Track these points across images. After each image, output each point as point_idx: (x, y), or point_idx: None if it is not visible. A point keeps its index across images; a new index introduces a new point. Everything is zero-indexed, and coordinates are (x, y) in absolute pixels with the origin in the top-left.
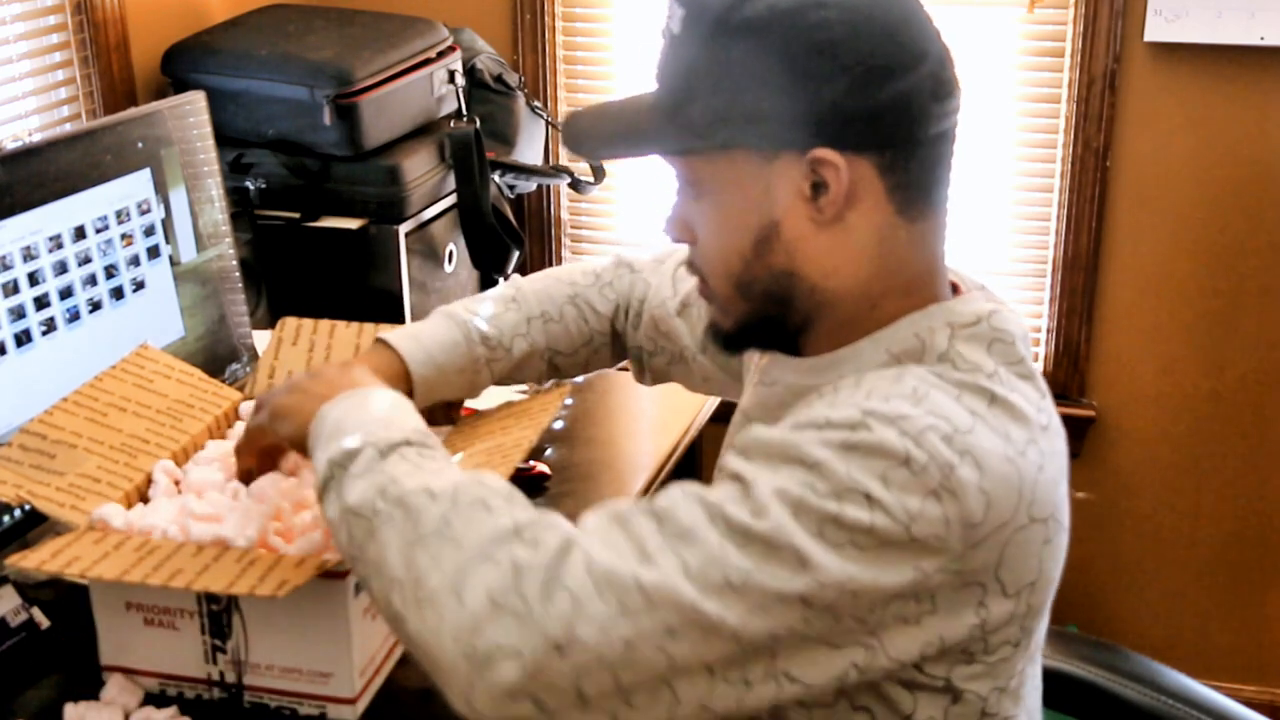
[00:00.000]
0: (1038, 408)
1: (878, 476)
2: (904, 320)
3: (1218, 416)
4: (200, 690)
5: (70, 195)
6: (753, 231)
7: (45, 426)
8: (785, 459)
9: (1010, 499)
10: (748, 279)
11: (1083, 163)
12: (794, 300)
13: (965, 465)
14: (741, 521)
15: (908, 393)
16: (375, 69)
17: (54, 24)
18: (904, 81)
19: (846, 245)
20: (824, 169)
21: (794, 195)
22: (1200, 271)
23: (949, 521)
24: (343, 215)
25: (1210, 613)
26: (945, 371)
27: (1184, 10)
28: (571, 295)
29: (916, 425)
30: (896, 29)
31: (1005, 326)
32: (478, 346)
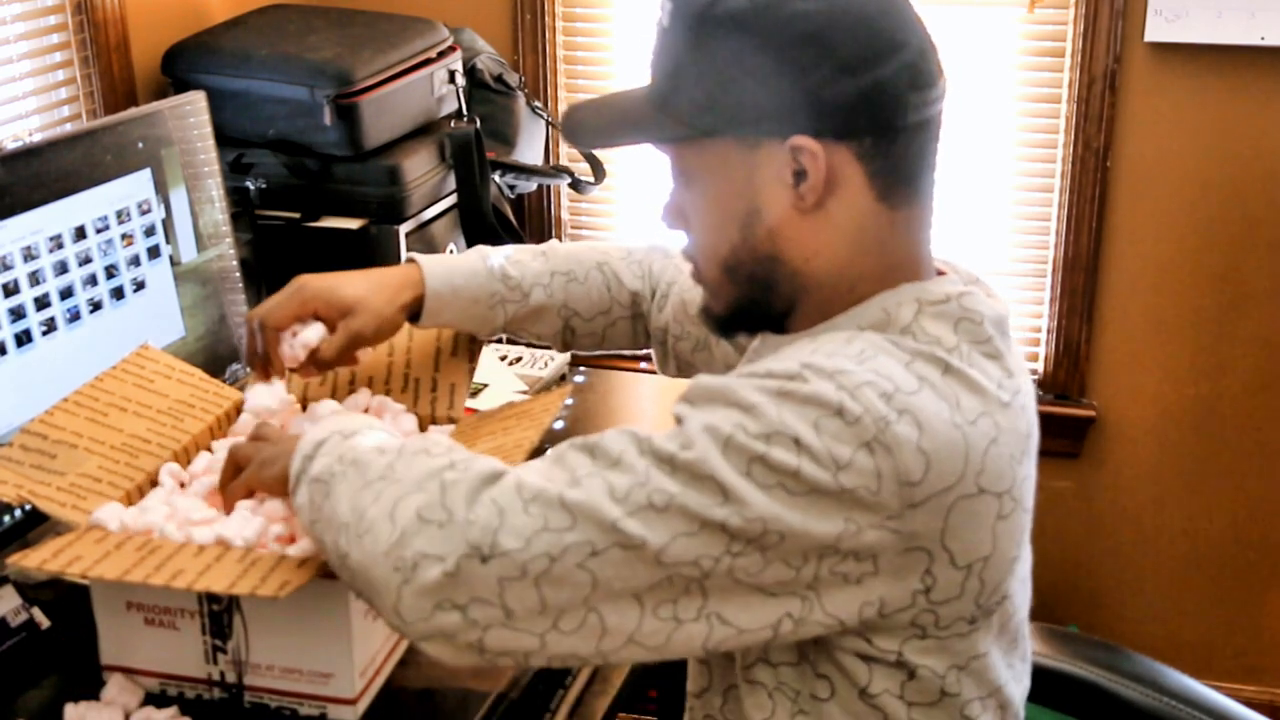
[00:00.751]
0: (998, 384)
1: (809, 423)
2: (877, 297)
3: (1218, 416)
4: (201, 690)
5: (71, 195)
6: (738, 218)
7: (46, 426)
8: (722, 400)
9: (955, 464)
10: (734, 263)
11: (1083, 163)
12: (778, 283)
13: (903, 423)
14: (669, 451)
15: (854, 353)
16: (375, 69)
17: (54, 24)
18: (881, 70)
19: (827, 230)
20: (803, 157)
21: (776, 182)
22: (1200, 271)
23: (880, 475)
24: (343, 215)
25: (1210, 613)
26: (901, 340)
27: (1184, 10)
28: (600, 262)
29: (854, 379)
30: (874, 19)
31: (975, 307)
32: (496, 282)
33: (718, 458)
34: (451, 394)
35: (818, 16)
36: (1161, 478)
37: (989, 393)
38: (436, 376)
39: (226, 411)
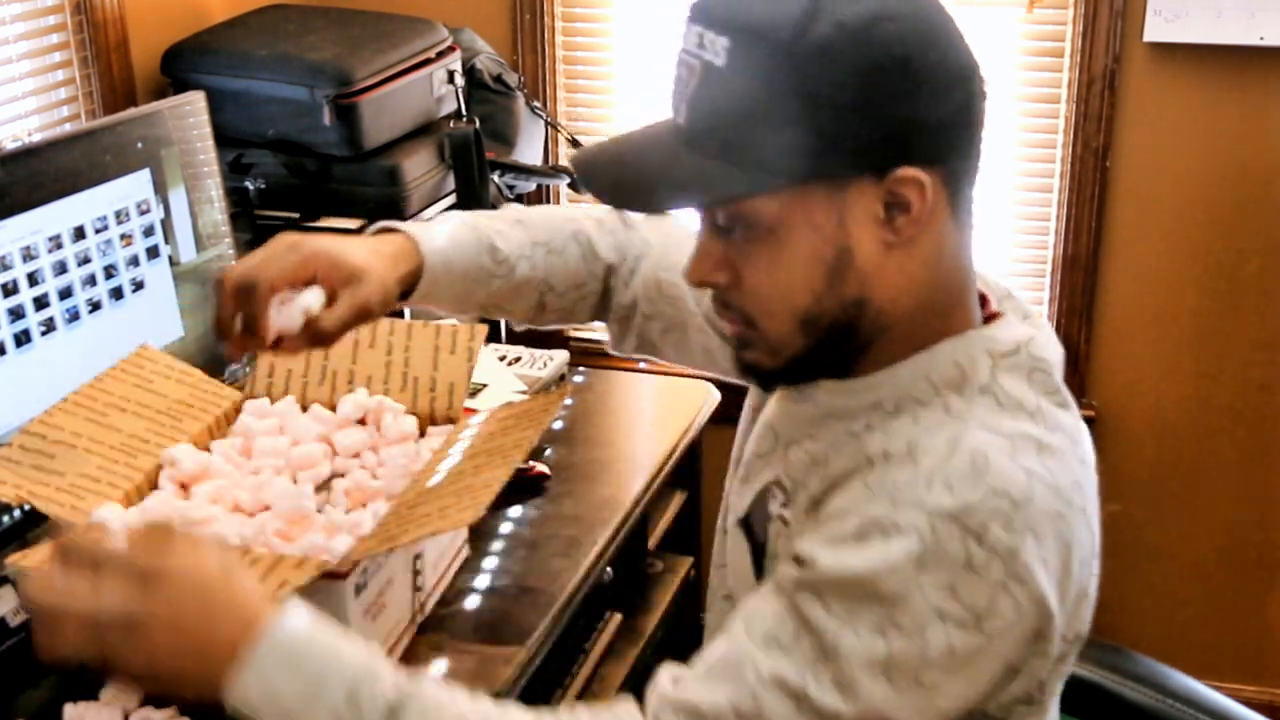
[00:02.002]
0: (1075, 440)
1: (947, 589)
2: (943, 346)
3: (1217, 416)
4: None
5: (70, 195)
6: (825, 264)
7: (45, 427)
8: (862, 598)
9: (1066, 557)
10: (816, 313)
11: (1082, 163)
12: (860, 329)
13: (1026, 544)
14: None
15: (966, 466)
16: (375, 69)
17: (54, 24)
18: (969, 87)
19: (913, 262)
20: (907, 188)
21: (868, 220)
22: (1200, 271)
23: (1019, 606)
24: (342, 215)
25: (1209, 613)
26: (991, 412)
27: (1183, 10)
28: (575, 232)
29: (977, 518)
30: (953, 34)
31: (1043, 355)
32: (484, 255)
33: (885, 690)
34: (450, 393)
35: (911, 36)
36: (1161, 477)
37: (1074, 458)
38: (435, 375)
39: (226, 412)
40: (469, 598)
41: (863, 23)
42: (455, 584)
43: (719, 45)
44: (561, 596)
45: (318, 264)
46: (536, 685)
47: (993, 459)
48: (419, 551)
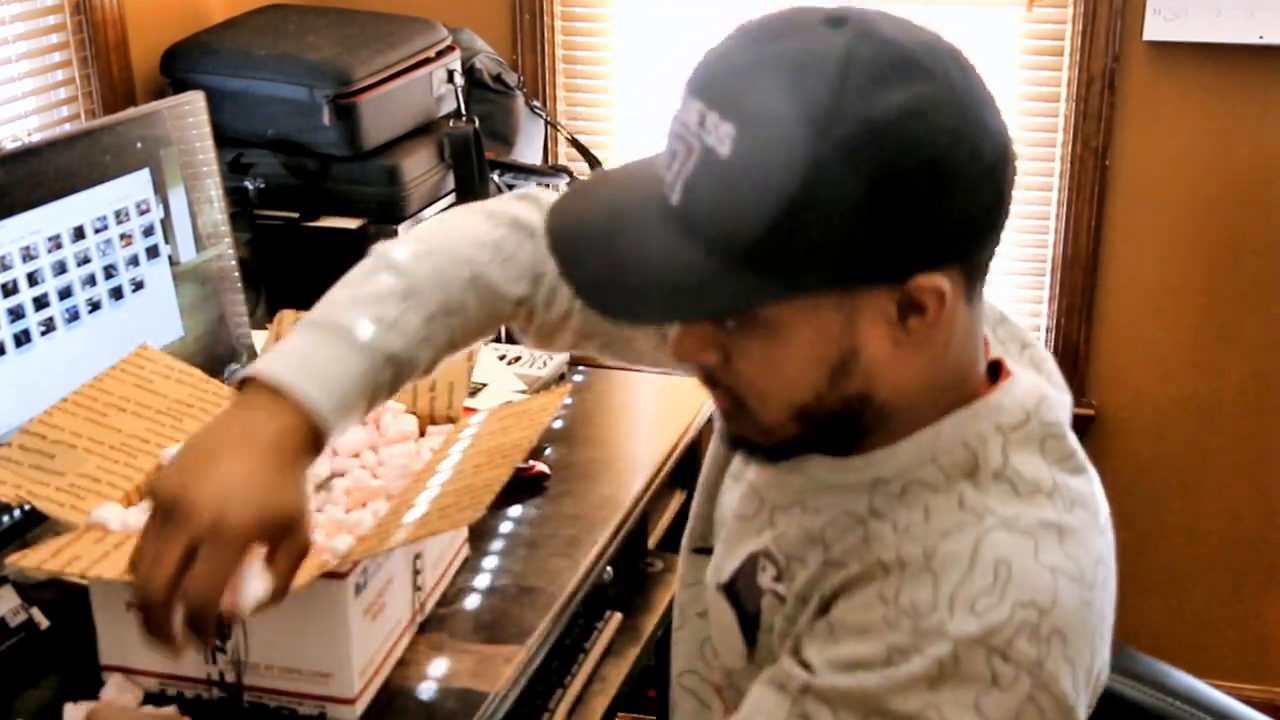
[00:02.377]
0: (1095, 510)
1: (970, 707)
2: (948, 423)
3: (1218, 415)
4: (200, 690)
5: (69, 195)
6: (828, 365)
7: (45, 427)
8: (874, 713)
9: (1090, 646)
10: (814, 409)
11: (1082, 162)
12: (861, 420)
13: (1052, 649)
14: None
15: (989, 581)
16: (374, 69)
17: (53, 24)
18: (1002, 174)
19: (923, 355)
20: (924, 295)
21: (880, 319)
22: (1200, 270)
23: (1044, 712)
24: (342, 215)
25: (1210, 611)
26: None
27: (1183, 9)
28: (471, 277)
29: (1004, 636)
30: (989, 118)
31: (1053, 418)
32: (384, 371)
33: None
34: (450, 393)
35: (944, 134)
36: (1161, 476)
37: (1094, 530)
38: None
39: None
40: (469, 597)
41: (891, 120)
42: (455, 583)
43: (724, 132)
44: (561, 596)
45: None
46: (536, 685)
47: (1016, 567)
48: (419, 551)
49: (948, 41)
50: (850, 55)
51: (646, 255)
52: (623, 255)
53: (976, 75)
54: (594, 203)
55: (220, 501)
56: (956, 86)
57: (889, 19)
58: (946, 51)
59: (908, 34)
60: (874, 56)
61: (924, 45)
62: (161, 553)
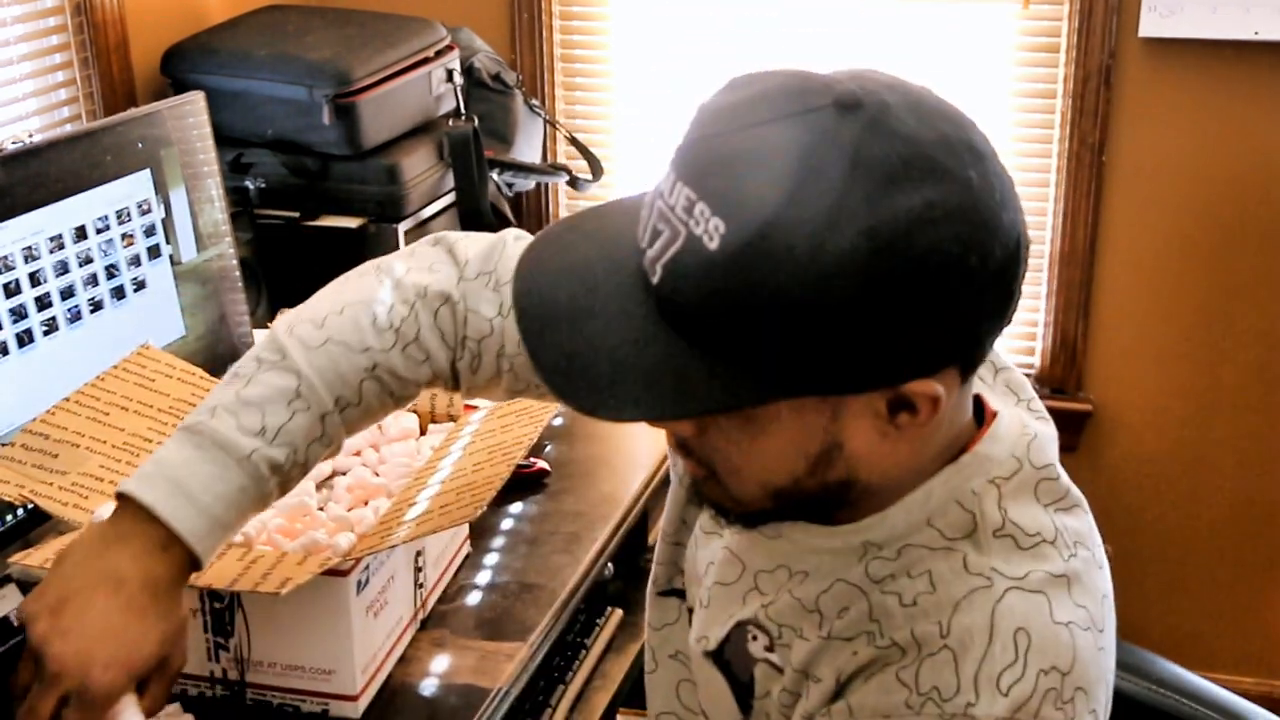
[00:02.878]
0: (1091, 546)
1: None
2: (936, 481)
3: (1214, 410)
4: (203, 688)
5: (71, 196)
6: (810, 457)
7: (47, 426)
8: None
9: (1107, 689)
10: (792, 492)
11: (1079, 158)
12: (840, 501)
13: (1078, 707)
14: None
15: (1010, 651)
16: (374, 68)
17: (54, 25)
18: (1013, 273)
19: (910, 442)
20: (919, 399)
21: (866, 415)
22: (1197, 265)
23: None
24: (342, 214)
25: (1208, 605)
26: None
27: (1178, 5)
28: (369, 367)
29: (1031, 709)
30: (999, 217)
31: (1045, 460)
32: (269, 481)
33: None
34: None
35: (953, 243)
36: (1158, 471)
37: (1095, 569)
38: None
39: None
40: (470, 594)
41: (898, 231)
42: (457, 580)
43: (713, 225)
44: (562, 593)
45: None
46: (538, 681)
47: (1034, 633)
48: (420, 548)
49: (967, 126)
50: (859, 153)
51: (622, 343)
52: (595, 339)
53: (994, 164)
54: (565, 268)
55: (85, 662)
56: (973, 186)
57: (906, 100)
58: (963, 144)
59: (924, 123)
60: (886, 155)
61: (941, 139)
62: (35, 707)
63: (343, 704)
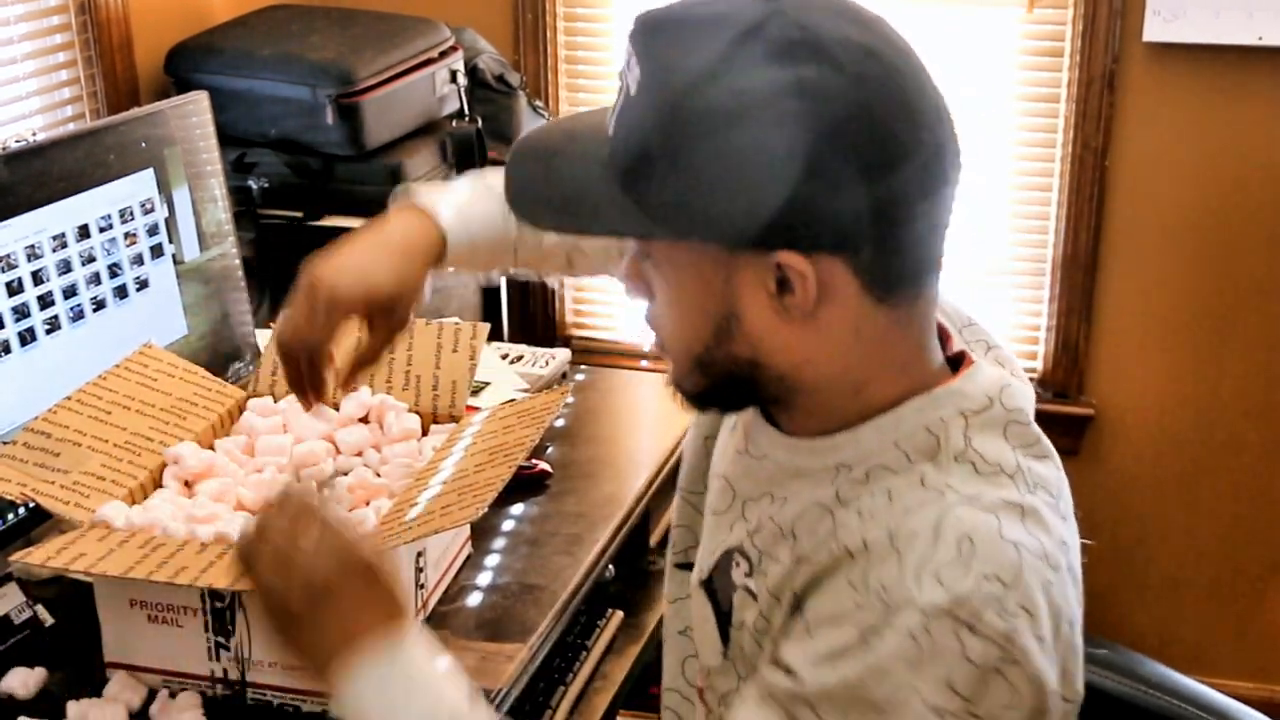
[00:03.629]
0: (1058, 495)
1: (943, 684)
2: (909, 407)
3: (1216, 414)
4: (203, 687)
5: (74, 194)
6: (711, 319)
7: (49, 425)
8: (857, 704)
9: (1057, 626)
10: (707, 361)
11: (1081, 162)
12: (761, 384)
13: (1020, 625)
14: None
15: (953, 554)
16: (377, 69)
17: (58, 24)
18: (890, 182)
19: (817, 338)
20: (789, 271)
21: (758, 289)
22: (1199, 270)
23: (1016, 688)
24: (345, 214)
25: (1208, 610)
26: (970, 482)
27: (1182, 10)
28: None
29: (971, 608)
30: (885, 121)
31: (1016, 404)
32: (514, 225)
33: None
34: (453, 391)
35: (819, 119)
36: (1159, 475)
37: (1055, 514)
38: (438, 374)
39: (229, 410)
40: (471, 595)
41: (770, 93)
42: (458, 581)
43: (635, 74)
44: (563, 594)
45: (353, 309)
46: (538, 682)
47: (979, 540)
48: (421, 549)
49: (882, 38)
50: (757, 27)
51: (572, 174)
52: (554, 171)
53: (901, 78)
54: (562, 127)
55: (336, 274)
56: (863, 82)
57: (842, 14)
58: (864, 48)
59: (831, 21)
60: (781, 35)
61: (841, 38)
62: (292, 316)
63: None
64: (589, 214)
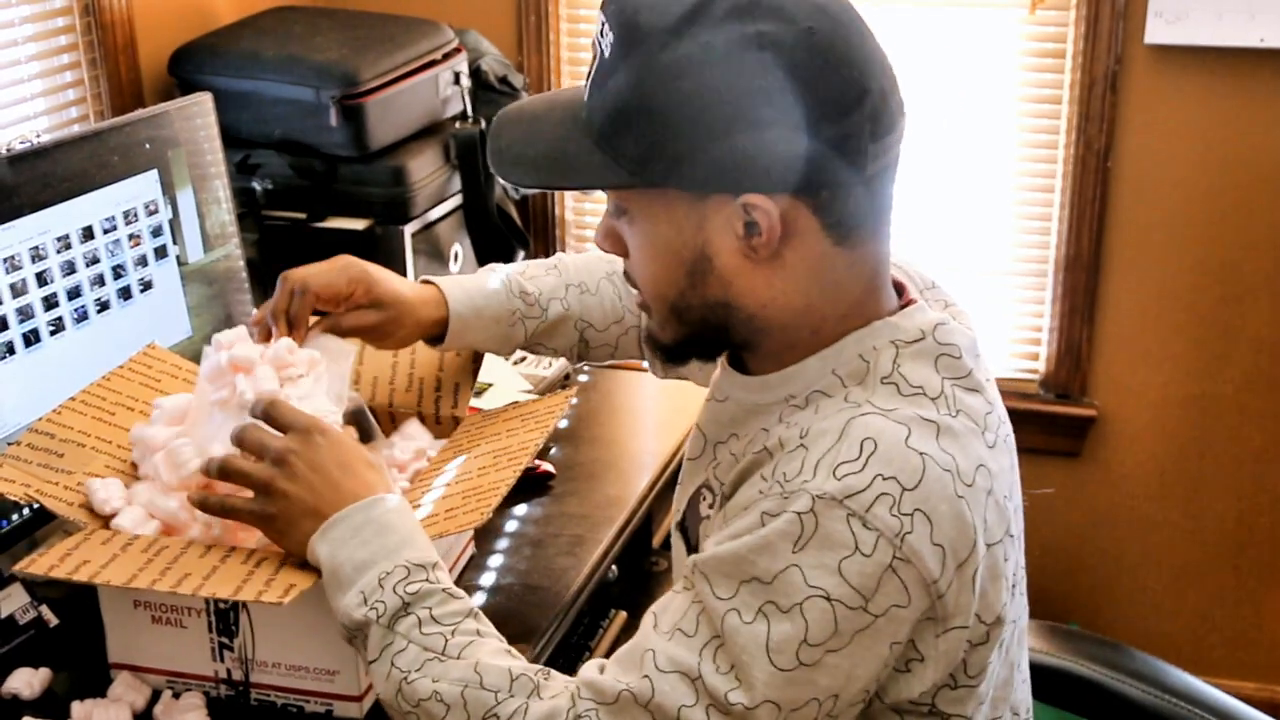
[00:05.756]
0: (984, 424)
1: (832, 570)
2: (850, 338)
3: (1218, 415)
4: (207, 688)
5: (78, 196)
6: (685, 264)
7: (54, 425)
8: (742, 577)
9: (965, 539)
10: (682, 305)
11: (1084, 163)
12: (731, 326)
13: (916, 526)
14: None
15: (855, 452)
16: (381, 70)
17: (62, 26)
18: (841, 125)
19: (782, 278)
20: (755, 213)
21: (727, 232)
22: (1201, 271)
23: (907, 587)
24: (349, 216)
25: (1210, 610)
26: (890, 399)
27: (1185, 12)
28: (609, 273)
29: (863, 501)
30: (836, 68)
31: (950, 340)
32: (515, 300)
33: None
34: (456, 393)
35: (777, 70)
36: (1162, 476)
37: (978, 439)
38: (441, 376)
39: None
40: (475, 596)
41: (732, 45)
42: (461, 582)
43: (609, 39)
44: (567, 595)
45: (359, 286)
46: None
47: (882, 444)
48: None
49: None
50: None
51: (553, 135)
52: (536, 134)
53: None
54: (542, 97)
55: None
56: (813, 33)
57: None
58: (819, 8)
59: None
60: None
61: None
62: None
63: (347, 704)
64: (569, 170)
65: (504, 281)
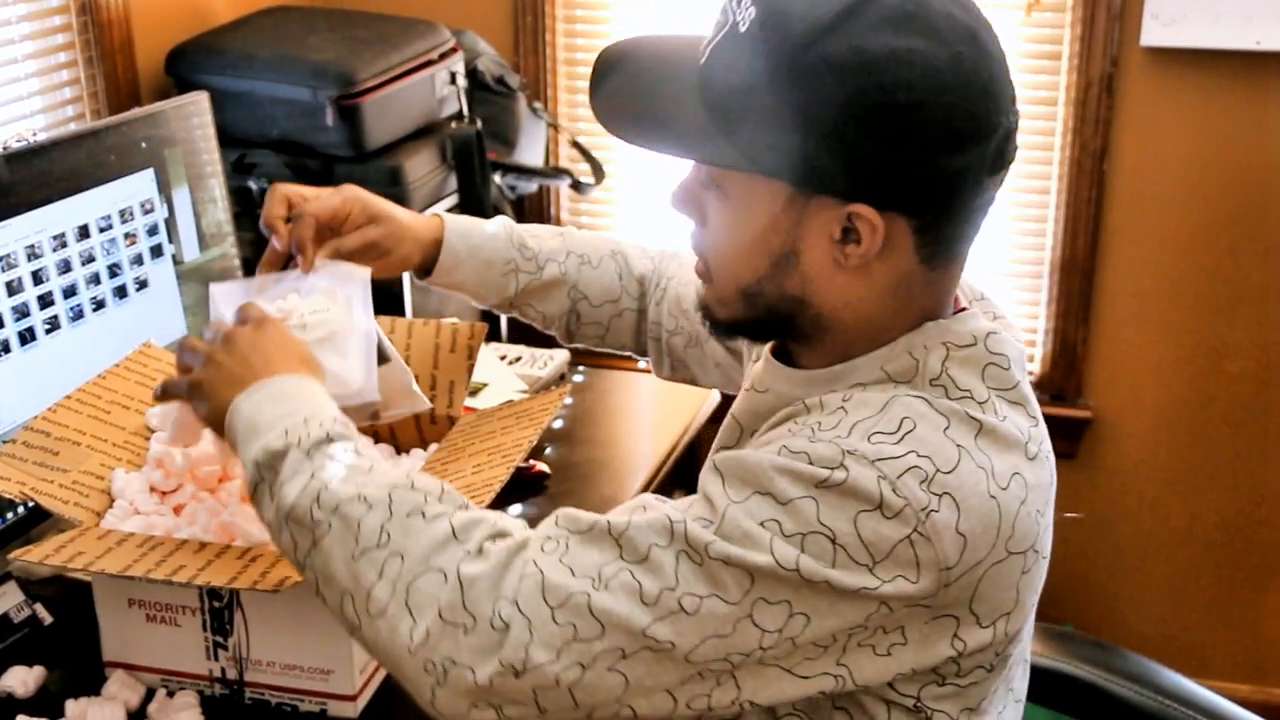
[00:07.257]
0: (1027, 436)
1: (848, 518)
2: (901, 340)
3: (1214, 418)
4: (202, 687)
5: (74, 194)
6: (771, 254)
7: (49, 424)
8: (756, 486)
9: (988, 536)
10: (755, 291)
11: (1080, 165)
12: (799, 322)
13: (943, 507)
14: (703, 541)
15: (893, 426)
16: (377, 70)
17: (59, 24)
18: (967, 156)
19: (863, 285)
20: (859, 223)
21: (822, 233)
22: (1197, 273)
23: (920, 564)
24: None
25: (1206, 613)
26: (935, 399)
27: (1180, 15)
28: (613, 250)
29: (896, 467)
30: (976, 99)
31: (1001, 350)
32: (512, 249)
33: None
34: (450, 392)
35: (920, 89)
36: (1157, 478)
37: (1019, 450)
38: (435, 374)
39: None
40: None
41: (879, 56)
42: None
43: (749, 12)
44: None
45: (353, 207)
46: None
47: (921, 426)
48: None
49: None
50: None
51: (660, 94)
52: (643, 87)
53: (989, 61)
54: (649, 44)
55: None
56: (960, 59)
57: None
58: (966, 27)
59: (944, 6)
60: (896, 4)
61: (947, 15)
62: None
63: (341, 704)
64: (672, 134)
65: (506, 229)
